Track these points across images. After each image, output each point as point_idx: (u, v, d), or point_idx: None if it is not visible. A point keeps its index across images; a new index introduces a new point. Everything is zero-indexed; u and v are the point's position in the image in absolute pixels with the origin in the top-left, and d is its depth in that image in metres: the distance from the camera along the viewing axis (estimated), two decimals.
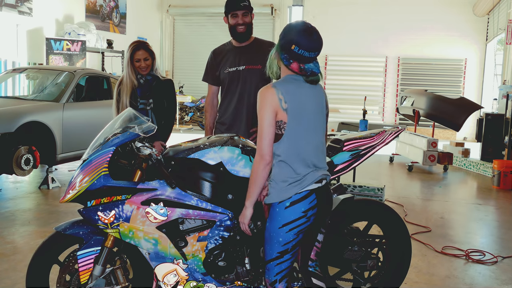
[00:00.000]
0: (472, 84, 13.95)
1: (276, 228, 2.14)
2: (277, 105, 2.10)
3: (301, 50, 2.09)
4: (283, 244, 2.15)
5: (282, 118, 2.11)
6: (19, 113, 5.42)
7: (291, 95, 2.12)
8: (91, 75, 6.78)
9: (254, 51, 3.35)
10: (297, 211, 2.12)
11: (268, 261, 2.22)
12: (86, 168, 2.33)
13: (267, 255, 2.22)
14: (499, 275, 3.78)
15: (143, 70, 3.57)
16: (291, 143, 2.13)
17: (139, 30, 13.83)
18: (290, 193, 2.12)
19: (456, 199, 6.40)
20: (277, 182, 2.14)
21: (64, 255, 2.48)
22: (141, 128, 2.41)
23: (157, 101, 3.64)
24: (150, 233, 2.32)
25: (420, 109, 9.51)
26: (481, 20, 13.57)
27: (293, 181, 2.12)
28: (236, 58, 3.35)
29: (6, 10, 9.28)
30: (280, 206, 2.13)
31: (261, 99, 2.13)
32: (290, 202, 2.12)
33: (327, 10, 14.29)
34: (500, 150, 8.46)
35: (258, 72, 3.30)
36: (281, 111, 2.10)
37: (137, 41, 3.66)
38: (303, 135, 2.15)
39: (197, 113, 13.81)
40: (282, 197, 2.12)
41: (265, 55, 3.41)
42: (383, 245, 2.94)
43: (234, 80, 3.36)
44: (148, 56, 3.56)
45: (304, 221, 2.14)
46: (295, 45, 2.09)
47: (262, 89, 2.16)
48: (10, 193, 5.81)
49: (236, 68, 3.34)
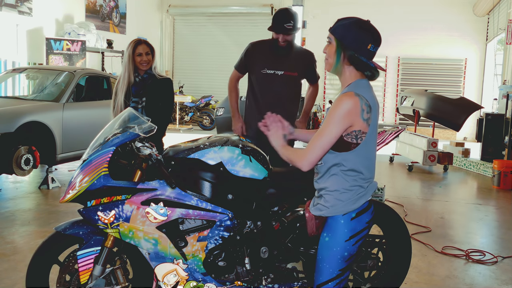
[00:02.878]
0: (472, 84, 13.95)
1: (342, 241, 1.95)
2: (357, 115, 1.88)
3: (376, 48, 1.94)
4: (347, 259, 1.98)
5: (361, 128, 1.91)
6: (19, 113, 5.42)
7: (372, 104, 1.94)
8: (91, 75, 6.78)
9: (294, 58, 3.43)
10: (362, 221, 1.98)
11: (325, 282, 2.00)
12: (86, 168, 2.33)
13: (323, 275, 1.99)
14: (499, 275, 3.78)
15: (144, 66, 3.59)
16: (365, 154, 1.96)
17: (139, 30, 13.83)
18: (358, 204, 1.96)
19: (456, 199, 6.40)
20: (344, 193, 1.96)
21: (64, 255, 2.48)
22: (141, 128, 2.41)
23: (151, 100, 3.63)
24: (150, 233, 2.32)
25: (420, 109, 9.51)
26: (481, 20, 13.57)
27: (361, 192, 1.97)
28: (275, 61, 3.40)
29: (6, 10, 9.28)
30: (346, 218, 1.95)
31: (341, 107, 1.89)
32: (356, 213, 1.96)
33: (327, 10, 14.29)
34: (500, 150, 8.46)
35: (294, 79, 3.44)
36: (361, 121, 1.90)
37: (137, 38, 3.74)
38: (373, 145, 2.01)
39: (197, 113, 13.81)
40: (349, 209, 1.95)
41: (303, 65, 3.47)
42: (383, 245, 2.93)
43: (271, 84, 3.43)
44: (149, 51, 3.62)
45: (367, 232, 2.01)
46: (371, 44, 1.91)
47: (345, 95, 1.91)
48: (10, 193, 5.81)
49: (274, 71, 3.38)
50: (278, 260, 2.56)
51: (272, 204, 2.57)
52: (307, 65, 3.56)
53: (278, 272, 2.55)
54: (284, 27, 3.26)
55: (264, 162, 2.55)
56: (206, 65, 15.23)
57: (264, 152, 2.58)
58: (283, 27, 3.27)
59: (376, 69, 1.98)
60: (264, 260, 2.51)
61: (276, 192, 2.53)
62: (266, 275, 2.51)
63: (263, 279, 2.50)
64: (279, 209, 2.61)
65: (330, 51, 1.98)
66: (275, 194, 2.53)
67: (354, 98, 1.89)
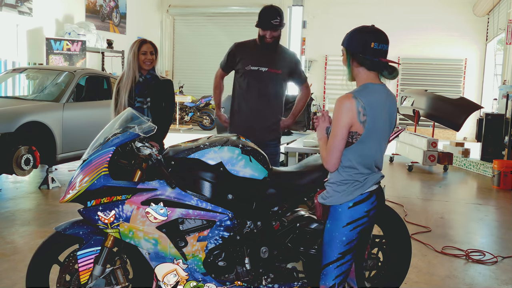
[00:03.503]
0: (472, 84, 13.95)
1: (339, 227, 2.14)
2: (354, 117, 2.04)
3: (381, 45, 2.09)
4: (346, 244, 2.15)
5: (357, 130, 2.07)
6: (19, 113, 5.42)
7: (371, 107, 2.06)
8: (91, 75, 6.78)
9: (278, 57, 3.45)
10: (360, 211, 2.14)
11: (327, 264, 2.20)
12: (86, 168, 2.33)
13: (326, 258, 2.20)
14: (499, 275, 3.78)
15: (147, 65, 3.63)
16: (359, 152, 2.12)
17: (139, 30, 13.83)
18: (354, 196, 2.13)
19: (456, 199, 6.40)
20: (340, 185, 2.15)
21: (64, 255, 2.48)
22: (141, 128, 2.41)
23: (155, 100, 3.66)
24: (150, 233, 2.32)
25: (420, 109, 9.51)
26: (481, 20, 13.57)
27: (356, 184, 2.14)
28: (259, 58, 3.42)
29: (6, 10, 9.28)
30: (343, 207, 2.14)
31: (339, 108, 2.06)
32: (353, 203, 2.14)
33: (327, 10, 14.29)
34: (500, 150, 8.45)
35: (278, 77, 3.45)
36: (358, 123, 2.05)
37: (142, 38, 3.78)
38: (371, 144, 2.13)
39: (197, 113, 13.80)
40: (345, 199, 2.14)
41: (286, 64, 3.50)
42: (383, 245, 2.94)
43: (255, 80, 3.47)
44: (153, 51, 3.68)
45: (366, 220, 2.17)
46: (374, 42, 2.08)
47: (342, 97, 2.08)
48: (10, 193, 5.81)
49: (259, 68, 3.41)
50: (278, 260, 2.57)
51: (272, 204, 2.57)
52: (290, 64, 3.57)
53: (278, 272, 2.55)
54: (271, 23, 3.32)
55: (264, 162, 2.55)
56: (206, 65, 15.21)
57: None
58: (270, 23, 3.32)
59: (391, 67, 2.13)
60: (264, 260, 2.51)
61: (276, 192, 2.53)
62: (266, 275, 2.51)
63: (263, 279, 2.50)
64: (279, 209, 2.61)
65: (343, 61, 2.20)
66: (275, 194, 2.54)
67: (350, 99, 2.05)
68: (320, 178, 2.54)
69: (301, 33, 11.00)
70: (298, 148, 4.86)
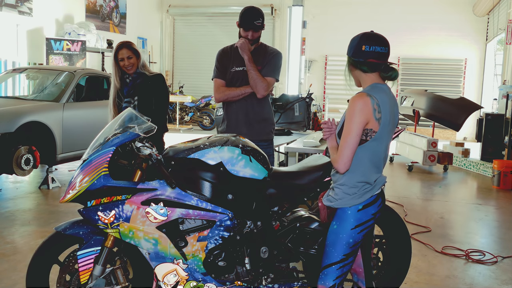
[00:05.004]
0: (472, 84, 13.94)
1: (347, 229, 2.16)
2: (370, 114, 2.07)
3: (373, 47, 2.11)
4: (352, 246, 2.17)
5: (372, 127, 2.10)
6: (19, 113, 5.42)
7: (384, 104, 2.11)
8: (91, 75, 6.79)
9: (258, 55, 3.50)
10: (368, 213, 2.17)
11: (329, 265, 2.20)
12: (86, 168, 2.33)
13: (329, 258, 2.21)
14: (499, 275, 3.78)
15: (129, 69, 3.61)
16: (372, 149, 2.14)
17: (139, 30, 13.83)
18: (364, 198, 2.15)
19: (456, 199, 6.40)
20: (350, 187, 2.16)
21: (64, 255, 2.48)
22: (141, 128, 2.41)
23: (143, 98, 3.64)
24: (150, 233, 2.32)
25: (420, 109, 9.51)
26: (481, 20, 13.56)
27: (367, 187, 2.15)
28: (242, 58, 3.45)
29: (6, 10, 9.28)
30: (353, 209, 2.15)
31: (354, 106, 2.08)
32: (363, 205, 2.15)
33: (327, 10, 14.29)
34: (500, 150, 8.45)
35: (261, 73, 3.44)
36: (374, 120, 2.09)
37: (121, 41, 3.73)
38: (384, 142, 2.16)
39: (197, 113, 13.80)
40: (355, 202, 2.15)
41: (265, 58, 3.50)
42: (383, 245, 2.94)
43: (241, 79, 3.49)
44: (132, 54, 3.61)
45: (372, 222, 2.20)
46: (364, 45, 2.11)
47: (356, 96, 2.12)
48: (10, 193, 5.81)
49: (243, 68, 3.48)
50: (278, 260, 2.57)
51: (272, 204, 2.57)
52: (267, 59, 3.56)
53: (278, 272, 2.55)
54: (254, 24, 3.37)
55: (264, 162, 2.55)
56: (206, 65, 15.16)
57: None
58: (253, 23, 3.37)
59: (386, 67, 2.16)
60: (264, 260, 2.51)
61: (276, 192, 2.53)
62: (266, 275, 2.51)
63: (263, 279, 2.50)
64: (279, 209, 2.61)
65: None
66: (275, 194, 2.54)
67: (365, 98, 2.08)
68: (320, 178, 2.54)
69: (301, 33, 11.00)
70: (298, 148, 4.86)
